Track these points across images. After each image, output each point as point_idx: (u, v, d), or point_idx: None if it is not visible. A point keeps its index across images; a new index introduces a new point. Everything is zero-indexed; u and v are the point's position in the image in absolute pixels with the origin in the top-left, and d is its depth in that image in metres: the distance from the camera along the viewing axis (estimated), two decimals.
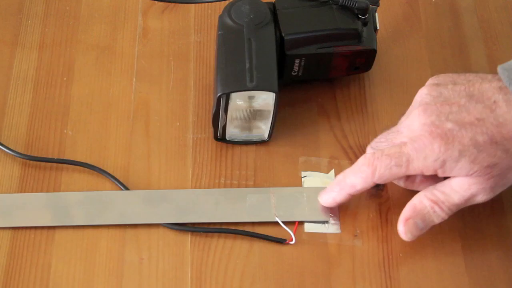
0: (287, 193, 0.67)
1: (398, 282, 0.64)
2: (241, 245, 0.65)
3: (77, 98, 0.73)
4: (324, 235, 0.66)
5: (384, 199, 0.68)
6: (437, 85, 0.63)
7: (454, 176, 0.61)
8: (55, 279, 0.64)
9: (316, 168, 0.70)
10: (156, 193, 0.68)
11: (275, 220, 0.66)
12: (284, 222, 0.66)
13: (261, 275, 0.64)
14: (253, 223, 0.66)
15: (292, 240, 0.65)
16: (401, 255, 0.65)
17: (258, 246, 0.65)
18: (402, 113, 0.65)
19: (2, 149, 0.69)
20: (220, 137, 0.70)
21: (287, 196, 0.67)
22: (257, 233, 0.65)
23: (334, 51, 0.69)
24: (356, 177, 0.63)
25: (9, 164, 0.69)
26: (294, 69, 0.70)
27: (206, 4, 0.79)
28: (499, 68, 0.61)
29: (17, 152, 0.69)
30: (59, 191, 0.68)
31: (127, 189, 0.68)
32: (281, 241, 0.65)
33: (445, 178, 0.62)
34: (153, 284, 0.63)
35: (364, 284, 0.64)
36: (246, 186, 0.68)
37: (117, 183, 0.68)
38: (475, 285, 0.64)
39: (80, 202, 0.67)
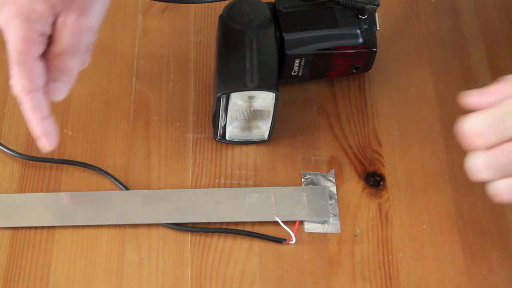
0: (287, 193, 0.67)
1: (398, 282, 0.64)
2: (241, 245, 0.65)
3: (77, 98, 0.73)
4: (324, 235, 0.66)
5: (384, 199, 0.68)
6: None
7: None
8: (55, 278, 0.64)
9: (316, 168, 0.69)
10: (156, 193, 0.68)
11: (275, 220, 0.66)
12: (284, 222, 0.66)
13: (261, 275, 0.64)
14: (253, 223, 0.66)
15: (292, 240, 0.65)
16: (401, 255, 0.65)
17: (258, 246, 0.65)
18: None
19: (2, 149, 0.70)
20: (220, 137, 0.70)
21: (287, 196, 0.67)
22: (257, 233, 0.65)
23: (334, 51, 0.69)
24: None
25: (9, 164, 0.69)
26: (294, 69, 0.70)
27: (206, 4, 0.79)
28: None
29: (17, 152, 0.69)
30: (59, 191, 0.68)
31: (127, 189, 0.68)
32: (281, 241, 0.65)
33: None
34: (153, 284, 0.64)
35: (364, 284, 0.64)
36: (246, 186, 0.68)
37: (117, 183, 0.68)
38: (474, 285, 0.64)
39: (80, 202, 0.67)
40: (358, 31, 0.68)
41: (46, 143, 0.61)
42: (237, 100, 0.65)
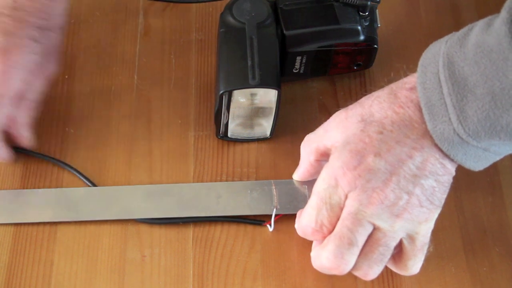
0: (289, 186, 0.67)
1: (399, 278, 0.64)
2: (243, 242, 0.65)
3: (79, 96, 0.73)
4: None
5: None
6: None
7: None
8: (57, 275, 0.64)
9: None
10: (158, 188, 0.68)
11: (275, 213, 0.66)
12: (286, 215, 0.66)
13: (263, 271, 0.64)
14: (255, 216, 0.66)
15: (270, 224, 0.65)
16: None
17: (260, 243, 0.65)
18: None
19: None
20: (222, 135, 0.70)
21: (289, 189, 0.67)
22: (236, 217, 0.66)
23: (335, 48, 0.69)
24: None
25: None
26: (295, 66, 0.70)
27: (207, 2, 0.79)
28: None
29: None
30: (61, 187, 0.68)
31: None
32: (259, 223, 0.66)
33: None
34: (155, 281, 0.64)
35: (366, 281, 0.64)
36: None
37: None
38: (476, 281, 0.64)
39: (82, 198, 0.67)
40: (359, 28, 0.68)
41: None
42: (239, 98, 0.65)
